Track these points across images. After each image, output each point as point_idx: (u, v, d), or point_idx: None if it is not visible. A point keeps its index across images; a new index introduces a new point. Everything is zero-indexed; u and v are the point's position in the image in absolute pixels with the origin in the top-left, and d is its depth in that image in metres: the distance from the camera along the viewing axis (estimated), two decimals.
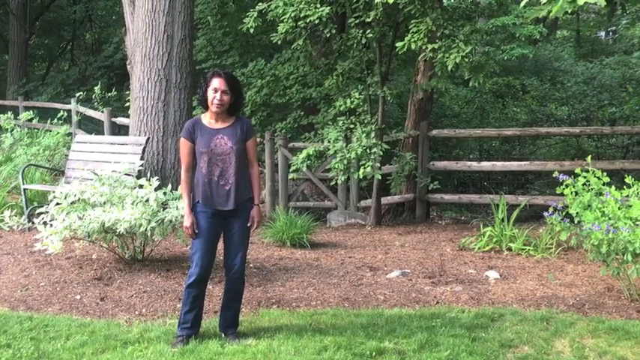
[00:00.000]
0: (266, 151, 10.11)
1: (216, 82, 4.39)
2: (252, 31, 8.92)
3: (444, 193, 10.45)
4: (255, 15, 8.87)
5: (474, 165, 10.80)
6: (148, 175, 6.55)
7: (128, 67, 9.25)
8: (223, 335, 4.66)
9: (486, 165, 10.59)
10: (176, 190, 6.40)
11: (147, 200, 6.05)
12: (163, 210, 6.12)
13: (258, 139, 10.74)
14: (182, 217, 5.00)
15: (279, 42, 8.97)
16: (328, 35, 9.01)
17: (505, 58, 15.10)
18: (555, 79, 16.66)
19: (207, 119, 4.52)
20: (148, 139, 8.32)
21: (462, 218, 10.55)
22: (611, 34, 21.57)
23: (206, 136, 4.45)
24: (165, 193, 6.26)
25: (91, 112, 13.62)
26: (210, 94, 4.41)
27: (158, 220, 6.01)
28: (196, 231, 4.48)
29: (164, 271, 6.32)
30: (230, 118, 4.54)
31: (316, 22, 8.39)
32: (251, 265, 6.74)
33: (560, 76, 16.64)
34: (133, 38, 8.99)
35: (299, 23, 8.52)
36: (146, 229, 5.93)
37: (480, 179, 13.49)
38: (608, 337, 4.76)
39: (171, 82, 8.72)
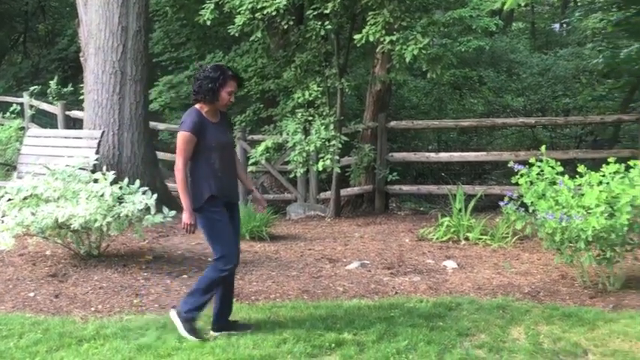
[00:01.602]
0: None
1: (233, 86, 4.41)
2: (209, 23, 8.82)
3: (403, 184, 10.52)
4: (212, 7, 8.77)
5: (432, 156, 10.91)
6: (104, 169, 6.42)
7: (81, 59, 9.07)
8: (230, 329, 4.59)
9: (444, 156, 10.70)
10: (132, 184, 6.32)
11: (102, 195, 5.95)
12: (119, 204, 6.02)
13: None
14: (139, 211, 4.89)
15: (237, 34, 8.89)
16: (286, 27, 8.97)
17: (462, 50, 15.25)
18: (511, 70, 16.92)
19: (205, 113, 4.43)
20: (103, 132, 8.18)
21: (421, 209, 10.64)
22: (564, 26, 21.95)
23: (213, 130, 4.40)
24: (121, 188, 6.16)
25: (44, 106, 13.33)
26: (226, 95, 4.37)
27: (114, 215, 5.92)
28: (220, 223, 4.41)
29: (121, 266, 6.22)
30: (218, 112, 4.52)
31: (273, 13, 8.33)
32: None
33: (516, 68, 16.91)
34: (87, 30, 8.80)
35: (256, 15, 8.45)
36: (102, 225, 5.83)
37: (439, 170, 13.63)
38: (562, 323, 4.85)
39: (127, 74, 8.58)
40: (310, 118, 8.97)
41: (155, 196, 6.17)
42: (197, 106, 4.45)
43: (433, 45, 15.50)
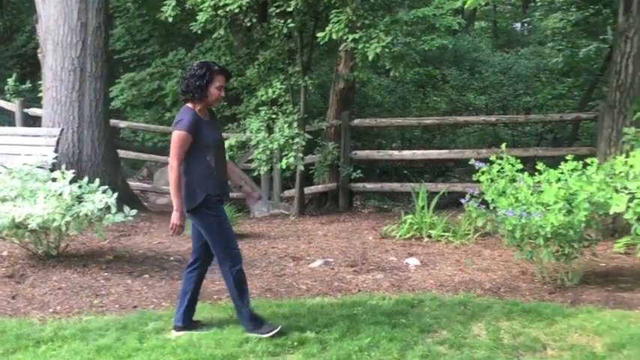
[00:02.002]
0: None
1: (222, 80, 4.36)
2: (170, 20, 8.73)
3: (367, 182, 10.56)
4: (173, 3, 8.69)
5: (395, 154, 10.97)
6: (63, 167, 6.31)
7: (39, 55, 8.89)
8: (194, 331, 4.56)
9: (407, 154, 10.77)
10: (92, 182, 6.22)
11: (61, 194, 5.84)
12: (79, 204, 5.92)
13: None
14: (99, 210, 4.78)
15: (199, 31, 8.81)
16: (249, 24, 8.92)
17: (426, 48, 15.38)
18: (474, 69, 17.11)
19: (198, 111, 4.36)
20: (62, 130, 8.04)
21: (385, 207, 10.69)
22: (525, 25, 22.27)
23: (209, 129, 4.37)
24: (80, 187, 6.06)
25: (2, 103, 13.00)
26: (215, 90, 4.33)
27: (73, 215, 5.82)
28: (223, 222, 4.41)
29: (80, 266, 6.12)
30: (207, 111, 4.49)
31: (236, 10, 8.29)
32: (172, 258, 6.63)
33: (479, 66, 17.11)
34: (45, 26, 8.63)
35: (219, 12, 8.39)
36: (60, 224, 5.73)
37: (402, 168, 13.71)
38: (522, 318, 4.91)
39: (86, 71, 8.44)
40: (274, 116, 8.94)
41: (116, 194, 6.09)
42: (189, 105, 4.37)
43: (397, 43, 15.61)
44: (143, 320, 4.78)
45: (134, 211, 6.13)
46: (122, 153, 10.41)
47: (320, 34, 8.28)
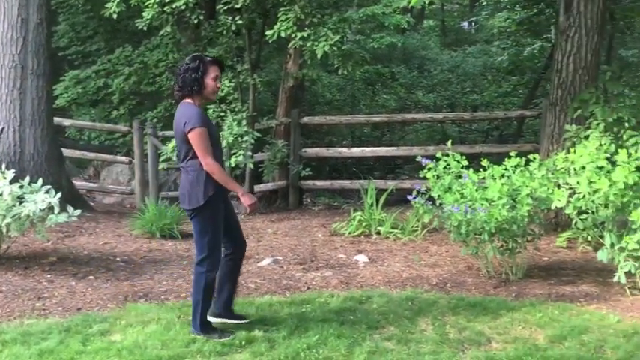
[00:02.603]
0: (134, 141, 9.80)
1: (217, 71, 4.28)
2: (115, 16, 8.57)
3: (317, 180, 10.58)
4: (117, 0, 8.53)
5: (345, 151, 11.02)
6: (3, 167, 6.13)
7: None
8: (232, 318, 4.61)
9: (356, 151, 10.83)
10: (35, 182, 6.06)
11: (0, 194, 5.68)
12: (20, 204, 5.76)
13: (127, 128, 10.41)
14: (42, 211, 4.64)
15: (145, 28, 8.68)
16: (196, 22, 8.82)
17: (375, 46, 15.50)
18: (422, 67, 17.34)
19: (199, 106, 4.31)
20: (3, 129, 7.83)
21: (335, 204, 10.72)
22: (473, 24, 22.63)
23: (211, 124, 4.35)
24: (22, 187, 5.89)
25: None
26: (211, 81, 4.24)
27: (14, 216, 5.66)
28: (218, 227, 4.35)
29: (22, 268, 5.96)
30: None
31: (183, 7, 8.19)
32: (118, 259, 6.52)
33: (427, 65, 17.34)
34: None
35: (165, 9, 8.28)
36: (0, 226, 5.57)
37: (353, 165, 13.79)
38: (468, 313, 5.00)
39: (28, 68, 8.23)
40: (222, 114, 8.88)
41: (59, 194, 5.95)
42: (189, 100, 4.27)
43: (347, 42, 15.69)
44: (87, 322, 4.68)
45: (78, 212, 6.01)
46: (67, 152, 10.19)
47: (268, 32, 8.26)
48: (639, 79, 10.02)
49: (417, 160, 6.35)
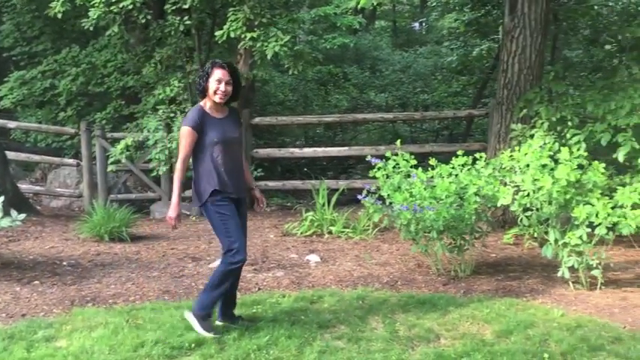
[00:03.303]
0: (82, 143, 9.61)
1: (220, 73, 4.36)
2: (60, 16, 8.39)
3: (269, 181, 10.55)
4: None
5: (297, 152, 11.02)
6: None
7: None
8: (233, 323, 4.66)
9: (308, 151, 10.83)
10: None
11: None
12: None
13: (74, 130, 10.20)
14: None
15: (92, 28, 8.52)
16: (144, 21, 8.70)
17: (327, 47, 15.56)
18: (374, 67, 17.46)
19: (208, 109, 4.43)
20: None
21: (287, 204, 10.70)
22: (423, 25, 22.90)
23: (216, 125, 4.39)
24: None
25: None
26: (213, 84, 4.36)
27: None
28: (226, 217, 4.39)
29: None
30: (225, 108, 4.51)
31: (130, 7, 8.08)
32: (65, 263, 6.39)
33: (379, 65, 17.47)
34: None
35: (112, 8, 8.16)
36: None
37: (306, 165, 13.80)
38: (417, 310, 5.06)
39: None
40: (172, 115, 8.78)
41: (2, 198, 5.81)
42: (201, 103, 4.46)
43: (299, 42, 15.70)
44: (32, 329, 4.58)
45: (22, 216, 5.88)
46: (12, 155, 9.94)
47: (218, 33, 8.21)
48: (583, 78, 10.27)
49: (366, 159, 6.39)
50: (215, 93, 4.36)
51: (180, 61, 9.37)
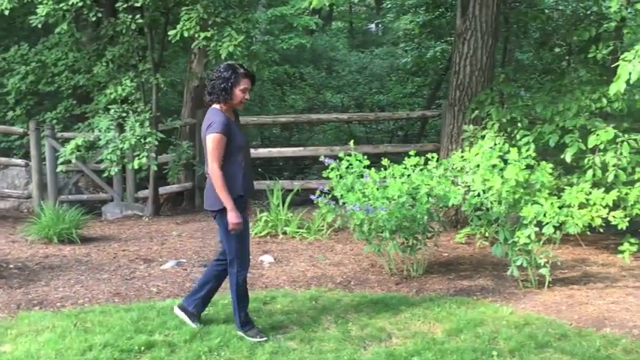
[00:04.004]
0: (31, 143, 9.39)
1: (247, 83, 4.38)
2: (7, 13, 8.17)
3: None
4: None
5: (251, 152, 10.95)
6: None
7: None
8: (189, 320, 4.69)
9: (263, 152, 10.80)
10: None
11: None
12: None
13: (23, 130, 9.97)
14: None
15: (40, 25, 8.32)
16: (94, 19, 8.54)
17: (284, 47, 15.53)
18: (331, 68, 17.50)
19: (227, 114, 4.39)
20: None
21: None
22: (379, 26, 23.03)
23: (237, 130, 4.41)
24: None
25: None
26: (239, 93, 4.35)
27: None
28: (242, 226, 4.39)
29: None
30: (232, 111, 4.50)
31: (80, 4, 7.91)
32: (11, 266, 6.24)
33: (336, 65, 17.51)
34: None
35: (61, 5, 7.97)
36: None
37: (261, 165, 13.72)
38: (370, 310, 5.09)
39: None
40: (124, 115, 8.65)
41: None
42: (217, 106, 4.39)
43: (256, 42, 15.63)
44: None
45: None
46: None
47: (171, 32, 8.11)
48: (533, 81, 10.48)
49: (319, 160, 6.40)
50: (241, 102, 4.39)
51: (132, 60, 9.22)
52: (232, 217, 4.30)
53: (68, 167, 9.03)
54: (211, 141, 4.25)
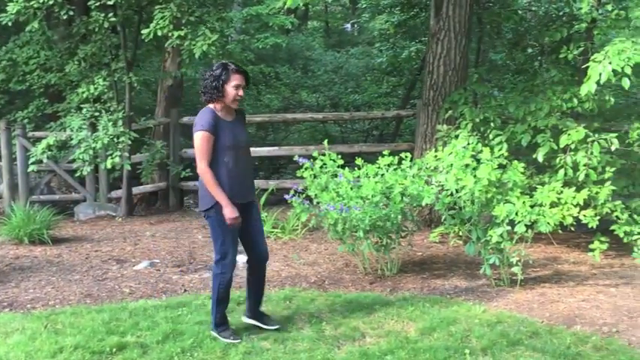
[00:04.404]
0: (2, 142, 9.25)
1: (239, 79, 4.33)
2: None
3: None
4: None
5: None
6: None
7: None
8: (259, 321, 4.68)
9: None
10: None
11: None
12: None
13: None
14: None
15: (10, 23, 8.20)
16: (66, 17, 8.44)
17: (260, 46, 15.48)
18: (307, 67, 17.48)
19: (220, 112, 4.36)
20: None
21: None
22: (355, 26, 23.08)
23: (228, 129, 4.34)
24: None
25: None
26: (231, 90, 4.31)
27: None
28: (226, 228, 4.35)
29: None
30: (233, 111, 4.46)
31: (51, 2, 7.81)
32: None
33: (311, 65, 17.50)
34: None
35: (32, 3, 7.87)
36: None
37: None
38: (344, 309, 5.09)
39: None
40: (97, 114, 8.56)
41: None
42: (211, 105, 4.38)
43: (231, 41, 15.57)
44: None
45: None
46: None
47: (145, 31, 8.05)
48: (506, 81, 10.56)
49: (293, 159, 6.39)
50: (234, 99, 4.34)
51: (105, 58, 9.12)
52: (228, 213, 4.27)
53: (40, 167, 8.91)
54: (197, 139, 4.26)
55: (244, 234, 4.53)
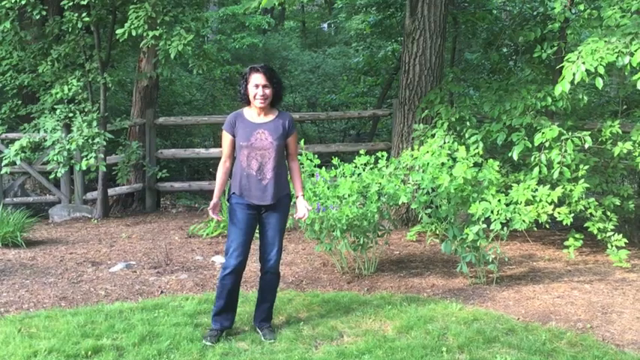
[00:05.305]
0: None
1: (257, 78, 4.36)
2: None
3: (174, 182, 10.38)
4: None
5: (203, 152, 10.91)
6: None
7: None
8: (259, 330, 4.64)
9: (215, 151, 10.67)
10: None
11: None
12: None
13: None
14: None
15: None
16: (38, 17, 8.33)
17: (236, 46, 15.43)
18: (284, 67, 17.45)
19: (249, 113, 4.48)
20: None
21: (196, 205, 10.56)
22: (332, 26, 23.10)
23: (247, 129, 4.41)
24: None
25: None
26: (251, 90, 4.38)
27: None
28: (234, 221, 4.45)
29: None
30: (272, 112, 4.50)
31: (23, 2, 7.71)
32: None
33: (289, 65, 17.48)
34: None
35: (3, 3, 7.76)
36: None
37: (215, 165, 13.58)
38: (321, 309, 5.09)
39: None
40: (71, 115, 8.46)
41: None
42: (246, 107, 4.53)
43: (208, 41, 15.50)
44: None
45: None
46: None
47: (119, 31, 7.97)
48: (482, 80, 10.63)
49: None
50: (255, 98, 4.36)
51: (79, 59, 9.02)
52: (210, 205, 4.53)
53: (13, 169, 8.79)
54: (222, 138, 4.55)
55: (261, 238, 4.60)
